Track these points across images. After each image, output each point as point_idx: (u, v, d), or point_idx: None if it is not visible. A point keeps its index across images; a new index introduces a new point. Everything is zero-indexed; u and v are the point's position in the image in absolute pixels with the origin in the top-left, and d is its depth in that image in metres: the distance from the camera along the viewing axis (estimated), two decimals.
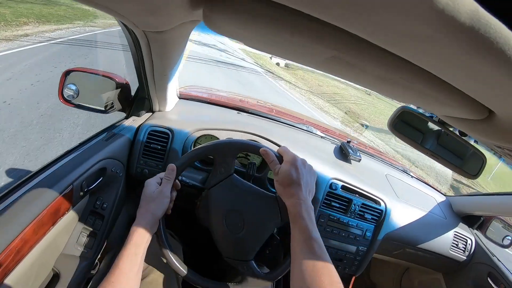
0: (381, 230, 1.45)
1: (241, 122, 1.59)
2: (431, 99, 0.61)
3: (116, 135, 1.34)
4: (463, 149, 0.99)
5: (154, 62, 1.09)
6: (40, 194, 0.97)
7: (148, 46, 0.95)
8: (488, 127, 0.61)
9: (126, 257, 0.78)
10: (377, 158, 1.96)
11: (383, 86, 0.65)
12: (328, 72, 0.70)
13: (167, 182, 0.91)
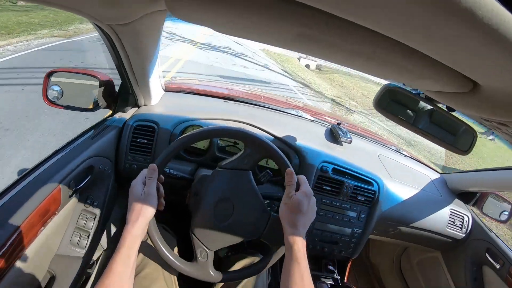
0: (375, 211, 1.45)
1: (227, 111, 1.58)
2: (411, 73, 0.59)
3: (102, 132, 1.32)
4: (454, 126, 0.99)
5: (130, 56, 1.07)
6: (28, 196, 0.97)
7: (119, 40, 0.94)
8: (474, 100, 0.59)
9: (119, 260, 0.77)
10: (369, 139, 1.94)
11: (358, 62, 0.64)
12: (299, 50, 0.69)
13: (150, 182, 0.90)
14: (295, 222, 0.88)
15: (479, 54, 0.41)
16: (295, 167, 1.41)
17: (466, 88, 0.56)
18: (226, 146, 1.47)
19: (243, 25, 0.59)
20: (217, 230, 0.99)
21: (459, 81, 0.54)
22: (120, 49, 1.01)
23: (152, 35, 1.00)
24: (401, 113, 0.98)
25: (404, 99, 0.97)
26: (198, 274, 0.98)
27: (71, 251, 1.22)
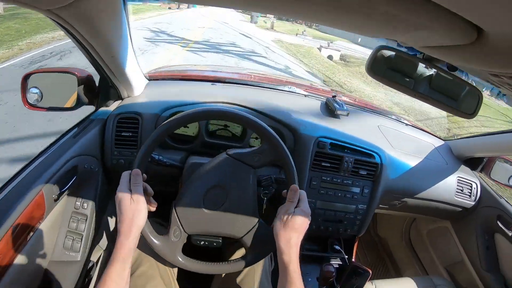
0: (379, 184, 1.39)
1: (214, 93, 1.50)
2: (405, 24, 0.52)
3: (85, 130, 1.27)
4: (457, 88, 0.93)
5: (92, 43, 0.98)
6: (9, 205, 0.93)
7: (71, 26, 0.84)
8: (479, 51, 0.51)
9: (114, 274, 0.76)
10: (367, 110, 1.87)
11: (338, 17, 0.57)
12: (255, 8, 0.63)
13: (136, 187, 0.86)
14: (291, 241, 0.86)
15: None
16: (290, 147, 1.35)
17: (470, 38, 0.48)
18: (216, 130, 1.40)
19: None
20: (201, 215, 0.94)
21: (461, 30, 0.47)
22: (77, 35, 0.92)
23: (110, 18, 0.93)
24: (399, 79, 0.93)
25: (401, 65, 0.91)
26: (165, 251, 0.93)
27: (65, 255, 1.20)
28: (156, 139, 0.91)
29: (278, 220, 0.89)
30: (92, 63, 1.17)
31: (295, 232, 0.87)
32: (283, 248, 0.85)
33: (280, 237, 0.87)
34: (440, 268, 1.78)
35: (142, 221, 0.85)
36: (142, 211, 0.85)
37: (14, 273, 0.93)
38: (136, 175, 0.87)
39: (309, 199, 1.32)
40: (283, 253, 0.85)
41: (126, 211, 0.82)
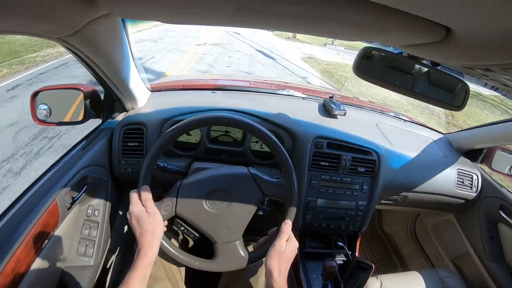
0: (378, 180, 1.41)
1: (215, 101, 1.56)
2: (373, 28, 0.57)
3: (93, 142, 1.33)
4: (444, 82, 0.97)
5: (97, 63, 1.06)
6: (25, 214, 0.99)
7: (78, 50, 0.93)
8: (451, 47, 0.57)
9: (137, 279, 0.83)
10: (365, 108, 1.91)
11: (309, 26, 0.63)
12: (243, 25, 0.69)
13: (149, 203, 0.94)
14: (284, 271, 0.93)
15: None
16: (288, 148, 1.40)
17: (440, 36, 0.53)
18: (218, 136, 1.45)
19: (182, 10, 0.59)
20: (198, 205, 1.00)
21: (429, 29, 0.52)
22: (84, 58, 1.00)
23: (112, 39, 1.00)
24: (385, 77, 0.96)
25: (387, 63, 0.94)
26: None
27: (79, 261, 1.25)
28: (160, 148, 0.97)
29: (272, 252, 0.94)
30: (97, 79, 1.23)
31: (287, 263, 0.95)
32: (275, 278, 0.91)
33: (273, 268, 0.92)
34: (446, 260, 1.79)
35: (161, 232, 0.93)
36: (160, 223, 0.93)
37: (32, 279, 0.98)
38: (146, 191, 0.94)
39: (309, 198, 1.38)
40: (272, 283, 0.90)
41: (146, 226, 0.89)
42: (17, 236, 0.93)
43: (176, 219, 1.05)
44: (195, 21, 0.70)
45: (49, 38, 0.77)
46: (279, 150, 0.99)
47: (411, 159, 1.53)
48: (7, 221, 0.96)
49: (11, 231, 0.94)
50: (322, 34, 0.76)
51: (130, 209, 0.92)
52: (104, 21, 0.81)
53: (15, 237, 0.93)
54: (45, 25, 0.66)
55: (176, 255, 1.00)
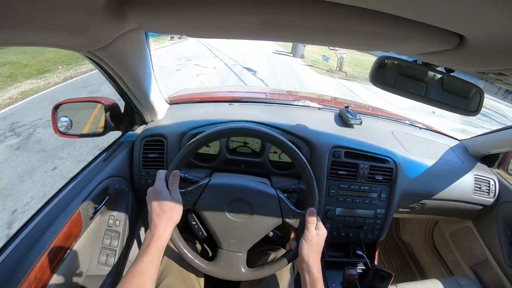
0: (396, 188, 1.41)
1: (233, 113, 1.59)
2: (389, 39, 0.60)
3: (114, 153, 1.37)
4: (459, 88, 0.97)
5: (121, 76, 1.10)
6: (50, 222, 1.02)
7: (105, 63, 0.97)
8: (464, 53, 0.59)
9: (150, 263, 0.82)
10: (380, 117, 1.91)
11: (331, 38, 0.67)
12: (268, 38, 0.72)
13: (175, 188, 0.95)
14: (318, 260, 0.95)
15: (458, 8, 0.41)
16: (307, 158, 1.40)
17: (453, 43, 0.56)
18: (236, 147, 1.48)
19: (210, 24, 0.62)
20: (219, 209, 1.01)
21: (443, 37, 0.54)
22: (109, 70, 1.05)
23: (136, 52, 1.04)
24: (401, 85, 0.97)
25: (403, 72, 0.96)
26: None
27: (100, 270, 1.27)
28: (191, 150, 1.00)
29: (304, 242, 0.95)
30: (118, 92, 1.27)
31: (320, 252, 0.97)
32: (313, 266, 0.93)
33: (308, 258, 0.93)
34: (465, 268, 1.77)
35: (177, 218, 0.92)
36: (180, 209, 0.93)
37: (55, 285, 1.00)
38: (176, 176, 0.95)
39: (328, 206, 1.38)
40: (313, 271, 0.92)
41: (167, 208, 0.90)
42: (42, 244, 0.96)
43: (191, 213, 1.06)
44: (220, 35, 0.73)
45: (79, 51, 0.81)
46: (299, 159, 1.01)
47: (428, 167, 1.53)
48: (32, 229, 0.99)
49: (36, 239, 0.96)
50: (340, 45, 0.79)
51: (155, 186, 0.93)
52: (131, 35, 0.85)
53: (39, 245, 0.95)
54: (79, 39, 0.70)
55: (180, 247, 1.00)
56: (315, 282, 0.91)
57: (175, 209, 0.91)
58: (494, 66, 0.61)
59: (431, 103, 0.97)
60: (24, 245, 0.94)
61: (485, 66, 0.63)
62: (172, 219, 0.91)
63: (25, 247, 0.94)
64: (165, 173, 0.97)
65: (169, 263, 1.12)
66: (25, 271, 0.89)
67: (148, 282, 0.79)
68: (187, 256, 1.01)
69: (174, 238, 0.99)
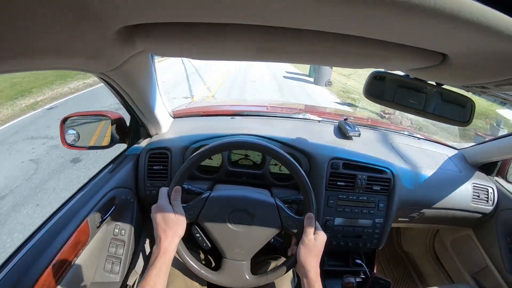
0: (393, 198, 1.44)
1: (234, 126, 1.64)
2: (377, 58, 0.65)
3: (120, 165, 1.42)
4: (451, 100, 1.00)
5: (129, 93, 1.17)
6: (59, 231, 1.07)
7: (115, 82, 1.04)
8: (448, 69, 0.64)
9: (158, 277, 0.86)
10: (379, 128, 1.95)
11: (317, 59, 0.75)
12: (264, 60, 0.80)
13: (178, 204, 0.99)
14: (315, 263, 0.97)
15: (433, 28, 0.45)
16: (306, 170, 1.45)
17: (437, 60, 0.61)
18: (238, 160, 1.52)
19: (212, 49, 0.69)
20: (220, 219, 1.05)
21: (427, 55, 0.59)
22: (118, 88, 1.11)
23: (143, 72, 1.10)
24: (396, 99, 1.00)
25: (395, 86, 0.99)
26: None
27: (106, 277, 1.31)
28: (193, 163, 1.05)
29: (302, 247, 0.98)
30: (125, 107, 1.33)
31: (318, 256, 0.99)
32: (310, 270, 0.95)
33: (306, 262, 0.96)
34: (466, 276, 1.77)
35: (182, 232, 0.97)
36: (184, 224, 0.98)
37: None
38: (178, 191, 1.00)
39: (327, 217, 1.41)
40: (310, 275, 0.95)
41: (171, 223, 0.94)
42: (50, 251, 1.00)
43: (195, 226, 1.10)
44: (220, 58, 0.81)
45: (93, 72, 0.88)
46: (297, 171, 1.05)
47: (426, 177, 1.55)
48: (41, 237, 1.03)
49: (44, 247, 1.00)
50: (331, 64, 0.85)
51: (158, 203, 0.97)
52: (138, 57, 0.91)
53: (48, 253, 0.99)
54: (94, 63, 0.76)
55: (187, 260, 1.04)
56: (312, 285, 0.93)
57: (179, 223, 0.96)
58: (477, 80, 0.66)
59: (429, 116, 1.01)
60: (33, 252, 0.98)
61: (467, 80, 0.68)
62: (177, 233, 0.95)
63: (34, 254, 0.98)
64: (167, 189, 1.02)
65: (173, 271, 1.15)
66: (33, 278, 0.92)
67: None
68: (193, 267, 1.05)
69: (180, 251, 1.03)
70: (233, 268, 1.05)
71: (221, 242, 1.06)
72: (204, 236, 1.10)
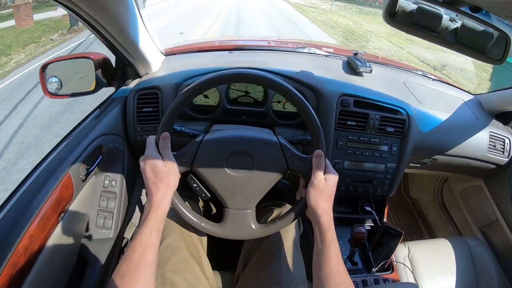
0: (407, 141, 1.34)
1: (232, 61, 1.50)
2: None
3: (106, 110, 1.29)
4: (483, 34, 0.90)
5: (99, 21, 0.99)
6: (38, 189, 0.97)
7: (76, 5, 0.87)
8: None
9: (149, 235, 0.78)
10: (391, 66, 1.81)
11: None
12: None
13: (167, 152, 0.88)
14: (327, 206, 0.87)
15: None
16: (313, 107, 1.30)
17: None
18: (237, 97, 1.39)
19: None
20: (218, 163, 0.93)
21: None
22: (83, 14, 0.94)
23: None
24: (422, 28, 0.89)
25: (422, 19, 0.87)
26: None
27: (98, 233, 1.24)
28: (182, 101, 0.91)
29: (311, 189, 0.88)
30: (104, 43, 1.18)
31: (330, 198, 0.89)
32: (322, 215, 0.85)
33: (317, 205, 0.86)
34: (474, 228, 1.74)
35: (175, 184, 0.87)
36: (176, 174, 0.88)
37: (49, 255, 0.96)
38: (166, 138, 0.88)
39: (336, 159, 1.33)
40: (323, 220, 0.85)
41: (162, 175, 0.84)
42: (30, 212, 0.91)
43: (190, 175, 0.98)
44: None
45: None
46: (304, 107, 0.91)
47: (442, 120, 1.44)
48: (19, 198, 0.94)
49: (23, 208, 0.91)
50: None
51: (146, 154, 0.87)
52: None
53: (27, 214, 0.90)
54: None
55: (184, 213, 0.95)
56: (325, 232, 0.84)
57: (170, 174, 0.85)
58: None
59: (449, 45, 0.89)
60: (12, 215, 0.90)
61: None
62: (170, 185, 0.85)
63: (13, 216, 0.89)
64: (155, 137, 0.90)
65: (170, 223, 1.07)
66: (14, 241, 0.84)
67: (149, 255, 0.75)
68: (192, 220, 0.95)
69: (175, 205, 0.92)
70: (236, 218, 0.95)
71: (221, 190, 0.94)
72: (202, 185, 0.99)
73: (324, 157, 0.90)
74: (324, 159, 0.90)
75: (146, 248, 0.75)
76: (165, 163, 0.85)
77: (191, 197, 1.24)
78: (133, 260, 0.73)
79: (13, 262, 0.83)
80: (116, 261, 1.30)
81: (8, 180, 3.64)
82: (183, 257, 1.01)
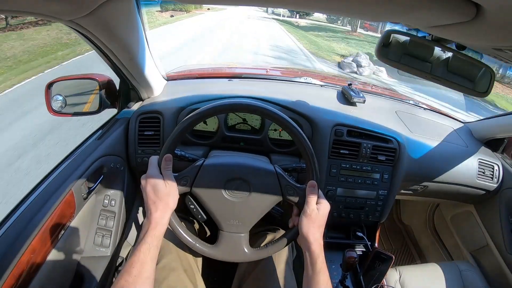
0: (398, 169, 1.38)
1: (231, 89, 1.54)
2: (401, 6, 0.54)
3: (109, 131, 1.32)
4: (470, 69, 0.94)
5: (111, 48, 1.04)
6: (41, 204, 0.99)
7: (90, 33, 0.91)
8: (481, 27, 0.54)
9: (148, 253, 0.80)
10: (384, 96, 1.86)
11: (332, 4, 0.62)
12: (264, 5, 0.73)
13: (169, 173, 0.91)
14: (318, 235, 0.91)
15: None
16: (308, 136, 1.36)
17: (470, 15, 0.50)
18: (235, 124, 1.43)
19: None
20: (216, 186, 0.96)
21: (459, 8, 0.49)
22: (98, 42, 0.99)
23: (125, 22, 0.98)
24: (413, 63, 0.94)
25: (414, 48, 0.92)
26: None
27: (96, 251, 1.25)
28: (185, 128, 0.95)
29: (305, 218, 0.92)
30: (111, 67, 1.22)
31: (321, 227, 0.92)
32: (313, 243, 0.89)
33: (309, 234, 0.90)
34: (465, 253, 1.76)
35: (174, 204, 0.90)
36: (176, 195, 0.91)
37: (48, 269, 0.97)
38: (168, 160, 0.92)
39: (329, 187, 1.36)
40: (313, 248, 0.89)
41: (162, 195, 0.87)
42: (33, 226, 0.93)
43: (189, 196, 1.02)
44: (213, 2, 0.71)
45: (61, 20, 0.76)
46: (299, 136, 0.96)
47: (432, 148, 1.49)
48: (23, 212, 0.96)
49: (27, 222, 0.93)
50: (346, 14, 0.75)
51: (148, 173, 0.89)
52: (119, 2, 0.80)
53: (30, 228, 0.92)
54: (57, 5, 0.65)
55: (180, 233, 0.97)
56: (315, 260, 0.87)
57: (170, 195, 0.89)
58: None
59: (438, 80, 0.94)
60: (15, 229, 0.92)
61: (502, 41, 0.58)
62: (168, 205, 0.88)
63: (16, 231, 0.91)
64: (157, 158, 0.93)
65: (166, 243, 1.09)
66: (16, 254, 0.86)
67: (146, 271, 0.78)
68: (187, 241, 0.98)
69: (172, 224, 0.96)
70: (230, 241, 0.98)
71: (217, 213, 0.98)
72: (199, 207, 1.02)
73: (317, 187, 0.94)
74: (317, 189, 0.94)
75: (144, 264, 0.78)
76: (166, 184, 0.88)
77: (187, 219, 1.26)
78: (131, 275, 0.75)
79: (15, 274, 0.85)
80: (112, 279, 1.31)
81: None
82: (179, 277, 1.03)
